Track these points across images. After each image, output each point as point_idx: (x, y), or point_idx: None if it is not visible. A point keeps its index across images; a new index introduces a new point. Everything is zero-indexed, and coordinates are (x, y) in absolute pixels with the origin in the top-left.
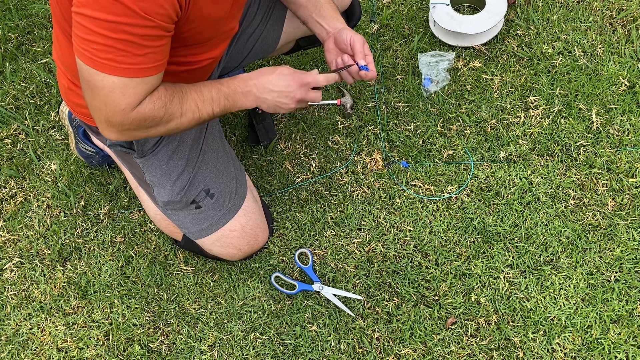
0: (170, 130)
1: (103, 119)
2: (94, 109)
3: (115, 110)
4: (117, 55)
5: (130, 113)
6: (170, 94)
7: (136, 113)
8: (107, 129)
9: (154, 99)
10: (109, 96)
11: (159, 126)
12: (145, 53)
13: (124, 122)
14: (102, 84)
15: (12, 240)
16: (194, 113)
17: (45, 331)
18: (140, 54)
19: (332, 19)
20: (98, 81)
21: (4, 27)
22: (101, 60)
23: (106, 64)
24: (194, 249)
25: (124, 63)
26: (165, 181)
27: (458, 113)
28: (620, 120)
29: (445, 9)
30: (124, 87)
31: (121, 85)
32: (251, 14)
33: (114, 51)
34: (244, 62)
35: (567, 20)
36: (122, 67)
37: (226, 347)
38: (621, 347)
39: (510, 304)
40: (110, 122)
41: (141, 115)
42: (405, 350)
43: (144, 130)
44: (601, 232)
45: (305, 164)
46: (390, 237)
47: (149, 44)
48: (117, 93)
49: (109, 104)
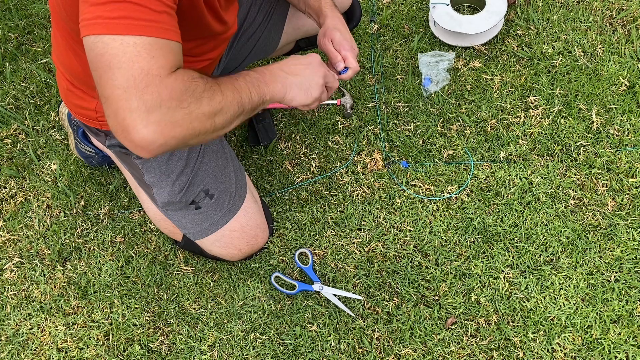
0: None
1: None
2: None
3: (147, 77)
4: (133, 11)
5: (167, 79)
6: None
7: (174, 79)
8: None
9: (186, 70)
10: (134, 62)
11: (202, 100)
12: (161, 10)
13: (162, 94)
14: (122, 51)
15: (12, 240)
16: (234, 92)
17: (45, 331)
18: (157, 9)
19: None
20: (117, 48)
21: (4, 27)
22: (115, 20)
23: (122, 22)
24: (193, 249)
25: (142, 19)
26: (165, 182)
27: (458, 113)
28: (620, 120)
29: (445, 9)
30: (150, 47)
31: (146, 45)
32: (252, 15)
33: (128, 6)
34: (244, 62)
35: (567, 20)
36: (141, 25)
37: (226, 347)
38: (621, 347)
39: (510, 304)
40: (144, 99)
41: (180, 83)
42: (405, 350)
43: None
44: (601, 232)
45: (305, 164)
46: (390, 237)
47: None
48: (144, 55)
49: (137, 73)
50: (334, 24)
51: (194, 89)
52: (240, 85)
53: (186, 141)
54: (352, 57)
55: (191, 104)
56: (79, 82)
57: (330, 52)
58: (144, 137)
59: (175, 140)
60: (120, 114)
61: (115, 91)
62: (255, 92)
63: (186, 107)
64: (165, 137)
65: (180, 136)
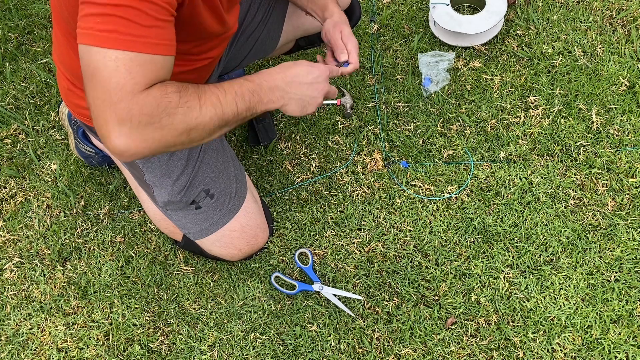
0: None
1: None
2: (96, 104)
3: (120, 92)
4: (121, 26)
5: (139, 95)
6: (184, 84)
7: (145, 95)
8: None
9: (164, 85)
10: (112, 77)
11: (176, 115)
12: (150, 25)
13: (132, 110)
14: (104, 64)
15: (12, 240)
16: (216, 107)
17: (45, 331)
18: (146, 24)
19: (320, 8)
20: (100, 61)
21: (4, 27)
22: (103, 34)
23: (108, 36)
24: (193, 249)
25: (128, 34)
26: (165, 181)
27: (458, 113)
28: (620, 120)
29: (445, 9)
30: (130, 62)
31: (126, 61)
32: (251, 13)
33: (118, 21)
34: (243, 62)
35: (567, 20)
36: (127, 40)
37: (226, 347)
38: (621, 347)
39: (510, 304)
40: (116, 113)
41: (152, 99)
42: (405, 350)
43: (159, 126)
44: (601, 232)
45: (305, 164)
46: (390, 237)
47: (156, 15)
48: (122, 71)
49: (112, 87)
50: (344, 19)
51: (165, 106)
52: (226, 99)
53: (160, 151)
54: (356, 54)
55: (163, 119)
56: (79, 81)
57: (337, 43)
58: (117, 146)
59: (148, 150)
60: (99, 121)
61: (95, 101)
62: (244, 105)
63: (157, 122)
64: (137, 148)
65: (152, 147)
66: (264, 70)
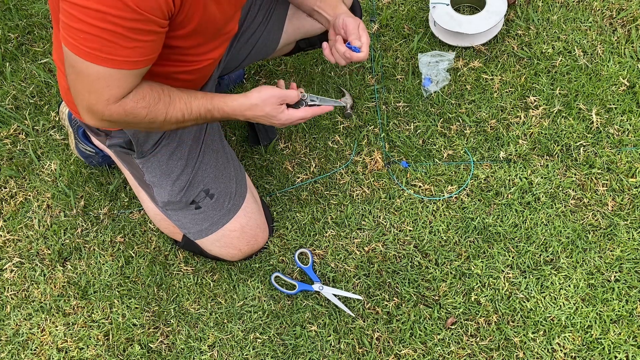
0: (152, 130)
1: (85, 105)
2: (76, 92)
3: (97, 99)
4: (104, 46)
5: (112, 105)
6: (157, 97)
7: (118, 107)
8: (86, 115)
9: (137, 97)
10: (93, 84)
11: (140, 124)
12: (133, 46)
13: (104, 113)
14: (86, 72)
15: (12, 240)
16: (179, 120)
17: (45, 331)
18: (128, 46)
19: (331, 6)
20: (83, 68)
21: (4, 27)
22: (87, 49)
23: (92, 53)
24: (193, 249)
25: (110, 54)
26: (165, 181)
27: (458, 113)
28: (620, 120)
29: (445, 9)
30: (109, 77)
31: (106, 76)
32: (251, 15)
33: (101, 41)
34: (243, 63)
35: (567, 20)
36: (108, 58)
37: (226, 347)
38: (621, 347)
39: (510, 304)
40: (91, 109)
41: (122, 110)
42: (405, 350)
43: (124, 124)
44: (601, 232)
45: (305, 164)
46: (390, 237)
47: (139, 37)
48: (102, 82)
49: (92, 92)
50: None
51: (135, 115)
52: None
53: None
54: (368, 45)
55: (130, 123)
56: None
57: (355, 31)
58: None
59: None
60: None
61: (75, 87)
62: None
63: (124, 123)
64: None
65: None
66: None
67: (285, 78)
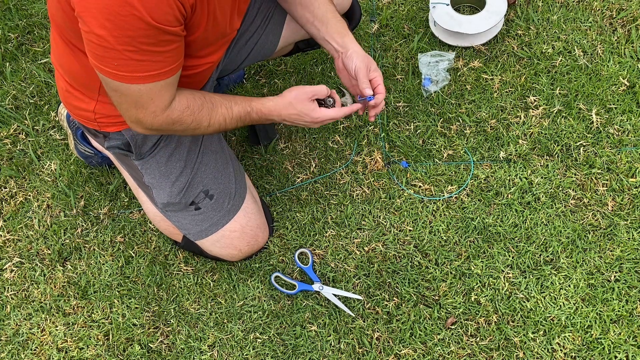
0: (197, 134)
1: (134, 119)
2: (123, 109)
3: (145, 112)
4: (138, 67)
5: (160, 116)
6: (200, 104)
7: (165, 117)
8: (136, 126)
9: (182, 106)
10: (138, 101)
11: (186, 130)
12: (163, 58)
13: (153, 124)
14: (128, 92)
15: (12, 240)
16: (221, 125)
17: (45, 331)
18: (158, 60)
19: (339, 35)
20: (124, 90)
21: (4, 27)
22: (124, 74)
23: (129, 75)
24: (193, 250)
25: (145, 71)
26: (164, 183)
27: (458, 113)
28: (620, 120)
29: (445, 9)
30: (150, 92)
31: (147, 91)
32: (250, 17)
33: (134, 63)
34: (242, 64)
35: (567, 20)
36: (145, 76)
37: (226, 347)
38: (621, 347)
39: (510, 304)
40: (140, 122)
41: (170, 120)
42: (405, 350)
43: (171, 131)
44: (601, 232)
45: (305, 164)
46: (390, 237)
47: (166, 48)
48: (145, 98)
49: (138, 107)
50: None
51: (181, 122)
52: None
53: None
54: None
55: (177, 130)
56: (77, 83)
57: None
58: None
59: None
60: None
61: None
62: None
63: (169, 130)
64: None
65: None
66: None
67: (285, 78)
